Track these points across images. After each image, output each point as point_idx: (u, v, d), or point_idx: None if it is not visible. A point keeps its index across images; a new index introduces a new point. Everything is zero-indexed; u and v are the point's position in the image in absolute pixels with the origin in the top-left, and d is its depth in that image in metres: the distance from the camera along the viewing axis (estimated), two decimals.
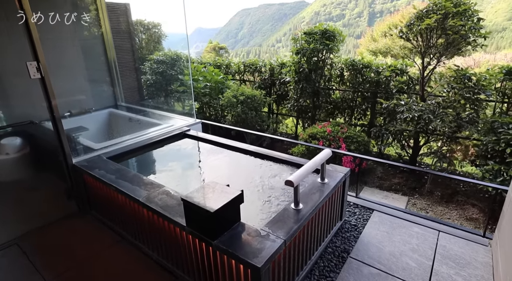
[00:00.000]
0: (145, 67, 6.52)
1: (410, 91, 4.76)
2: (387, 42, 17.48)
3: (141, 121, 4.22)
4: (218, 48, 41.92)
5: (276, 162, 2.99)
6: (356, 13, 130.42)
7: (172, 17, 8.21)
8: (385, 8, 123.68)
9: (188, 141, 3.65)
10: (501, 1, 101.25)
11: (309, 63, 4.98)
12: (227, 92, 5.38)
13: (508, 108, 4.06)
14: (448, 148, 4.02)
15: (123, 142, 3.31)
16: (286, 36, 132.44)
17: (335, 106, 5.63)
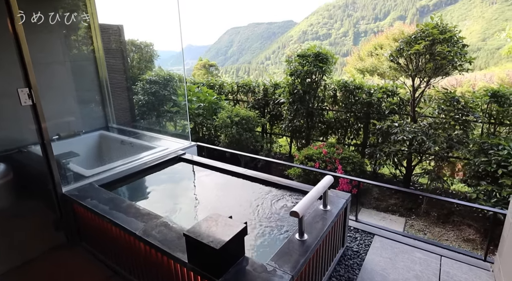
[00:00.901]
0: (137, 87, 6.47)
1: (401, 112, 4.87)
2: (374, 61, 18.10)
3: (134, 144, 4.13)
4: (208, 66, 42.40)
5: (275, 187, 2.95)
6: (341, 33, 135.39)
7: (162, 35, 8.27)
8: (369, 28, 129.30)
9: (184, 166, 3.57)
10: (475, 24, 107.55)
11: (303, 85, 5.05)
12: (222, 113, 5.36)
13: (495, 128, 4.19)
14: (440, 168, 4.07)
15: (116, 167, 3.20)
16: (275, 54, 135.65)
17: (329, 126, 5.69)
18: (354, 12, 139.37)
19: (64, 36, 4.11)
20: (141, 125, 5.54)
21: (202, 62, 40.75)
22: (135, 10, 5.26)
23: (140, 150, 3.86)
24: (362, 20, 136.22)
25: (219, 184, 3.20)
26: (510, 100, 3.94)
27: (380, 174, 5.33)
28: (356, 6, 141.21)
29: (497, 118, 4.14)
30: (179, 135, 4.51)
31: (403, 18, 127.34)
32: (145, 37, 7.83)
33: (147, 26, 8.07)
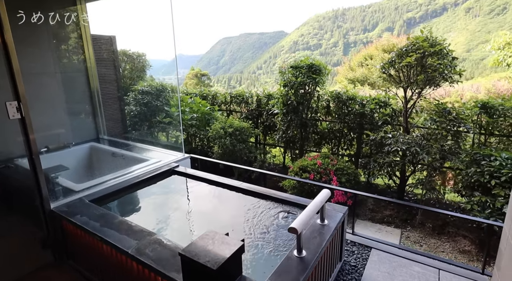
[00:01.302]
0: (129, 98, 6.40)
1: (394, 123, 4.93)
2: (364, 72, 18.47)
3: (125, 156, 4.04)
4: (200, 75, 42.51)
5: (271, 201, 2.90)
6: (332, 43, 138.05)
7: (154, 44, 8.26)
8: (358, 39, 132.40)
9: (178, 179, 3.50)
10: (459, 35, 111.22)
11: (296, 96, 5.07)
12: (215, 124, 5.33)
13: (485, 139, 4.26)
14: (434, 179, 4.10)
15: (107, 181, 3.11)
16: (266, 63, 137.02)
17: (322, 137, 5.70)
18: (344, 23, 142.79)
19: (55, 47, 4.05)
20: (133, 136, 5.45)
21: (194, 72, 40.86)
22: (127, 20, 5.23)
23: (132, 163, 3.78)
24: (351, 31, 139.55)
25: (213, 197, 3.14)
26: (499, 111, 4.03)
27: (374, 184, 5.34)
28: (346, 18, 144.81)
29: (487, 129, 4.21)
30: (172, 146, 4.44)
31: (391, 29, 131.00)
32: (137, 47, 7.81)
33: (139, 35, 8.06)
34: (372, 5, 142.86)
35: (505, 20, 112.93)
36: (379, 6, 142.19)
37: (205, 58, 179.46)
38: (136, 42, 8.17)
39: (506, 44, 8.42)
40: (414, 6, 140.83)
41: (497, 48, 8.64)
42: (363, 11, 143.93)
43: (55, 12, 3.65)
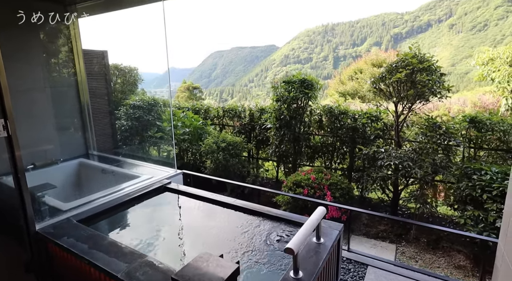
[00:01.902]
0: (120, 112, 6.33)
1: (386, 136, 4.98)
2: (354, 85, 18.84)
3: (115, 173, 3.95)
4: (192, 88, 42.64)
5: (265, 218, 2.84)
6: (322, 57, 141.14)
7: (146, 57, 8.28)
8: (348, 53, 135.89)
9: (169, 196, 3.42)
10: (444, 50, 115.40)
11: (289, 110, 5.10)
12: (208, 139, 5.29)
13: (475, 153, 4.33)
14: (426, 192, 4.12)
15: (96, 200, 3.02)
16: (258, 76, 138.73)
17: (315, 150, 5.71)
18: (333, 38, 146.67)
19: (45, 62, 4.01)
20: (124, 152, 5.35)
21: (186, 85, 40.98)
22: (120, 34, 5.24)
23: (122, 180, 3.68)
24: (341, 45, 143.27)
25: (206, 215, 3.07)
26: (487, 126, 4.12)
27: (367, 198, 5.33)
28: (335, 32, 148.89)
29: (476, 143, 4.29)
30: (164, 162, 4.37)
31: (379, 44, 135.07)
32: (129, 61, 7.81)
33: (132, 49, 8.08)
34: (360, 21, 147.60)
35: (487, 36, 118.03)
36: (367, 22, 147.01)
37: (197, 71, 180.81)
38: (129, 55, 8.17)
39: (489, 60, 8.73)
40: (400, 22, 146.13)
41: (481, 64, 8.94)
42: (351, 27, 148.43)
43: (46, 27, 3.63)
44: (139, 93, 10.71)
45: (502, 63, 8.32)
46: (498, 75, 8.19)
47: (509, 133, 4.04)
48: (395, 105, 4.39)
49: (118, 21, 4.93)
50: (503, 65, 8.23)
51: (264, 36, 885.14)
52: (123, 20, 5.11)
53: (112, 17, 4.76)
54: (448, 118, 9.75)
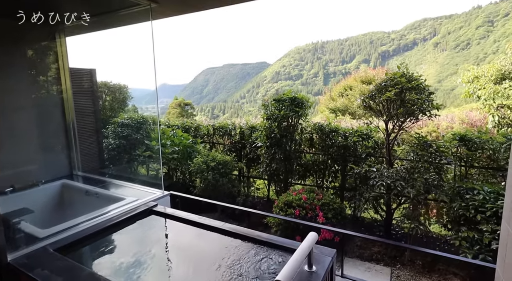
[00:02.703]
0: (108, 131, 6.19)
1: (377, 154, 4.96)
2: (345, 101, 19.12)
3: (99, 195, 3.78)
4: (184, 104, 42.62)
5: (256, 244, 2.71)
6: (312, 74, 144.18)
7: (137, 73, 8.25)
8: (337, 70, 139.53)
9: (156, 220, 3.26)
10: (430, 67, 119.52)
11: (280, 128, 5.06)
12: (197, 158, 5.18)
13: (466, 171, 4.32)
14: (419, 212, 4.06)
15: (77, 226, 2.84)
16: (249, 92, 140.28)
17: (306, 169, 5.64)
18: (323, 55, 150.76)
19: (31, 81, 3.91)
20: (110, 172, 5.18)
21: (177, 101, 41.01)
22: (109, 51, 5.20)
23: (106, 203, 3.52)
24: (330, 63, 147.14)
25: (194, 240, 2.92)
26: (477, 144, 4.13)
27: (360, 218, 5.24)
28: (325, 50, 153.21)
29: (467, 161, 4.29)
30: (151, 183, 4.22)
31: (367, 61, 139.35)
32: (119, 78, 7.76)
33: (122, 65, 8.04)
34: (349, 39, 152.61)
35: (470, 54, 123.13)
36: (355, 40, 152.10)
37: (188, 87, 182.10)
38: (119, 72, 8.12)
39: (474, 78, 8.98)
40: (387, 40, 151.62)
41: (466, 81, 9.19)
42: (340, 44, 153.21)
43: (34, 46, 3.56)
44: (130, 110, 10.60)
45: (487, 81, 8.55)
46: (484, 93, 8.39)
47: (498, 151, 4.06)
48: (385, 123, 4.40)
49: (108, 39, 4.91)
50: (488, 83, 8.46)
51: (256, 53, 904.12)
52: (113, 39, 5.09)
53: (102, 36, 4.74)
54: (437, 134, 9.89)
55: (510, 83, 8.14)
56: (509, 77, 8.43)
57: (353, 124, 12.37)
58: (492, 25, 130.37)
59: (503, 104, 8.50)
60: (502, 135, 4.28)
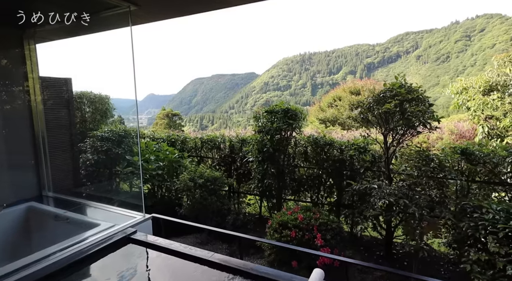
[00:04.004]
0: (85, 145, 5.73)
1: (374, 169, 4.71)
2: (334, 112, 19.14)
3: (71, 220, 3.33)
4: (172, 115, 41.94)
5: (248, 278, 2.35)
6: (300, 84, 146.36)
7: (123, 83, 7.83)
8: (325, 81, 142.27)
9: (134, 250, 2.84)
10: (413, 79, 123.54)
11: (272, 142, 4.75)
12: (183, 175, 4.79)
13: (468, 186, 4.11)
14: (423, 231, 3.79)
15: (39, 261, 2.41)
16: (238, 103, 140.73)
17: (300, 183, 5.33)
18: (311, 66, 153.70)
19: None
20: (86, 191, 4.72)
21: (165, 112, 40.43)
22: (87, 58, 4.82)
23: (78, 229, 3.08)
24: (318, 74, 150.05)
25: (180, 276, 2.52)
26: (478, 158, 3.93)
27: (359, 236, 4.93)
28: (312, 61, 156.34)
29: (469, 176, 4.08)
30: (131, 204, 3.79)
31: (353, 73, 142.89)
32: (100, 88, 7.35)
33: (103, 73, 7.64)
34: (335, 51, 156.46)
35: (450, 67, 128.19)
36: (342, 52, 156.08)
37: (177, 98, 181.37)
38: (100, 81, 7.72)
39: (463, 89, 9.00)
40: (372, 52, 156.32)
41: (455, 93, 9.20)
42: (327, 56, 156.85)
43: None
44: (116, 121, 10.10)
45: (476, 92, 8.57)
46: (473, 104, 8.39)
47: (502, 165, 3.87)
48: (383, 136, 4.16)
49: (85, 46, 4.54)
50: (477, 94, 8.48)
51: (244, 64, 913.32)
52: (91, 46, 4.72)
53: (78, 42, 4.37)
54: (427, 145, 9.80)
55: (498, 95, 8.17)
56: (496, 89, 8.48)
57: (344, 135, 12.24)
58: (470, 39, 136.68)
59: (491, 115, 8.53)
60: (503, 148, 4.10)
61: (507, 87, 8.26)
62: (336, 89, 21.21)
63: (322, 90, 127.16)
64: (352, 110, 18.96)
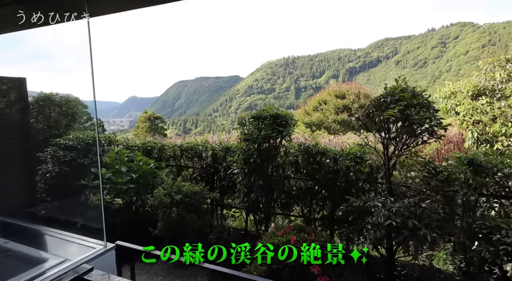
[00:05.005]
0: (45, 155, 5.01)
1: (370, 180, 4.29)
2: (320, 116, 18.88)
3: (12, 252, 2.67)
4: (153, 118, 40.65)
5: None
6: (284, 88, 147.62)
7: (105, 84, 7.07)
8: (308, 84, 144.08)
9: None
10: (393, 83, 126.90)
11: (259, 151, 4.24)
12: (158, 190, 4.18)
13: (477, 200, 3.74)
14: (431, 252, 3.38)
15: None
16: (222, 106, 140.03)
17: (290, 196, 4.84)
18: (294, 70, 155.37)
19: None
20: (39, 213, 4.01)
21: (147, 115, 39.16)
22: (44, 55, 4.14)
23: (18, 266, 2.44)
24: (301, 77, 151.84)
25: None
26: (488, 169, 3.58)
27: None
28: (296, 65, 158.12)
29: (475, 189, 3.72)
30: (92, 230, 3.15)
31: (336, 77, 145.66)
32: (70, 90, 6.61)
33: (70, 73, 6.89)
34: (318, 55, 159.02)
35: (427, 72, 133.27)
36: (324, 56, 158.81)
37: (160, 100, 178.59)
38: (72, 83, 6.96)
39: (451, 94, 8.86)
40: (354, 57, 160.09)
41: (443, 97, 9.04)
42: (311, 60, 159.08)
43: None
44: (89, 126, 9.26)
45: (465, 97, 8.43)
46: (462, 109, 8.22)
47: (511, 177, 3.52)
48: (384, 145, 3.73)
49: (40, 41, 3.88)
50: (466, 99, 8.33)
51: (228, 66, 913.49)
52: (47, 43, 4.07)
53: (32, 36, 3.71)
54: (426, 153, 9.58)
55: (487, 99, 8.04)
56: (484, 93, 8.37)
57: (331, 140, 11.91)
58: (445, 46, 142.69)
59: (479, 120, 8.39)
60: (511, 158, 3.77)
61: (495, 92, 8.16)
62: (321, 93, 21.02)
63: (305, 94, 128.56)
64: (338, 114, 18.78)
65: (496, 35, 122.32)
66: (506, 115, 7.40)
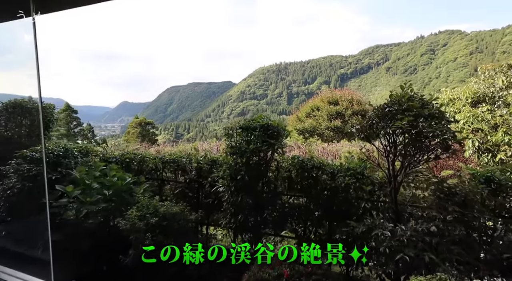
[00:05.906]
0: (6, 169, 4.41)
1: (372, 199, 3.83)
2: (312, 122, 18.50)
3: None
4: (145, 124, 39.87)
5: None
6: (277, 93, 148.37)
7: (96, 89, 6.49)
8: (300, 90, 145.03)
9: None
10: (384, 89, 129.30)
11: (248, 166, 3.74)
12: (131, 211, 3.63)
13: (494, 223, 3.30)
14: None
15: None
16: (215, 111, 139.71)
17: (283, 214, 4.33)
18: (286, 76, 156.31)
19: None
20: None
21: (138, 120, 38.37)
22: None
23: None
24: (294, 83, 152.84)
25: None
26: (506, 188, 3.14)
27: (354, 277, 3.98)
28: (288, 71, 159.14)
29: (494, 210, 3.28)
30: (42, 263, 2.58)
31: (327, 83, 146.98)
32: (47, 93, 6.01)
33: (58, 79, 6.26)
34: (310, 61, 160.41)
35: (417, 78, 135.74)
36: (316, 63, 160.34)
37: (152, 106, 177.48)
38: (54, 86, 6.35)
39: (449, 101, 8.56)
40: (345, 64, 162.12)
41: (441, 104, 8.72)
42: (303, 66, 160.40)
43: None
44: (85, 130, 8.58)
45: (464, 104, 8.11)
46: (462, 116, 7.89)
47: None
48: (389, 161, 3.28)
49: None
50: (465, 106, 8.01)
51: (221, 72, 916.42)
52: None
53: None
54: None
55: (488, 107, 7.73)
56: (484, 100, 8.07)
57: (325, 148, 11.49)
58: (434, 53, 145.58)
59: (479, 128, 8.07)
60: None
61: (495, 99, 7.86)
62: (314, 99, 20.69)
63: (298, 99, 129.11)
64: (331, 121, 18.43)
65: (483, 42, 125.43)
66: (508, 124, 7.07)
